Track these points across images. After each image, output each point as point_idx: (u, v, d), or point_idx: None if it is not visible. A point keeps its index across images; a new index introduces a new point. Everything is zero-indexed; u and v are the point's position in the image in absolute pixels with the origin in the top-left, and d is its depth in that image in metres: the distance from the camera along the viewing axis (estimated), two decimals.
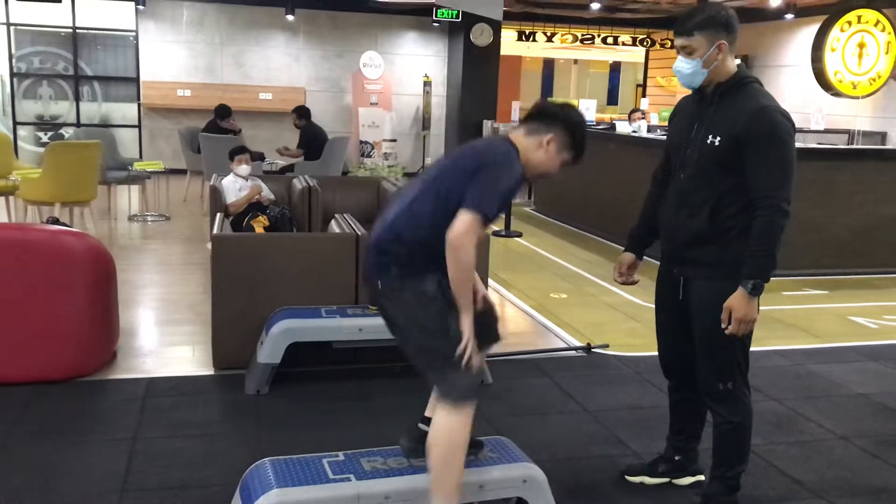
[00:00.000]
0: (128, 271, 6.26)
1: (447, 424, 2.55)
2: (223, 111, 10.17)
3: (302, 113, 9.93)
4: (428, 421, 2.80)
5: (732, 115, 2.76)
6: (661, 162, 3.11)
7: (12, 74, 12.49)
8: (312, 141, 9.76)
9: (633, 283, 3.22)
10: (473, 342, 2.54)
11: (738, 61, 2.88)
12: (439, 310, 2.56)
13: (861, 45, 10.90)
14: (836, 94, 11.14)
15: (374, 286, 2.67)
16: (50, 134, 12.73)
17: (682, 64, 2.82)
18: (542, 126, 2.68)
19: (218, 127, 10.05)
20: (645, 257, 3.23)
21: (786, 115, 2.74)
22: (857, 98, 11.21)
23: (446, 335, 2.54)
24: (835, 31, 10.90)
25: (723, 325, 2.75)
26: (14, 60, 12.48)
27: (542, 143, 2.66)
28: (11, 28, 12.37)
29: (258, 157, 8.74)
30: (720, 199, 2.79)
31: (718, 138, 2.77)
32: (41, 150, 11.29)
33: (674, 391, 3.22)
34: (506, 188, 2.54)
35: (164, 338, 5.05)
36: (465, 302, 2.55)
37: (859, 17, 10.86)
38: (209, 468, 3.31)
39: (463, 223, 2.45)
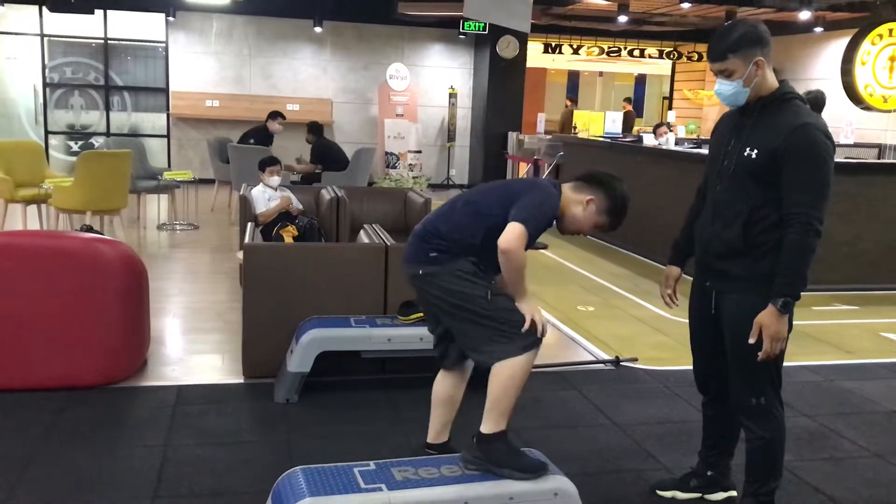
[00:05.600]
0: (157, 279, 6.31)
1: (509, 366, 2.79)
2: (274, 114, 10.23)
3: (311, 129, 9.92)
4: (432, 447, 3.16)
5: (773, 130, 2.73)
6: (705, 176, 3.09)
7: (45, 84, 12.70)
8: (325, 153, 9.78)
9: (676, 304, 3.19)
10: (541, 315, 2.85)
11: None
12: (477, 281, 2.85)
13: (892, 59, 10.80)
14: (867, 107, 11.04)
15: (413, 272, 2.95)
16: (80, 143, 12.92)
17: (723, 86, 2.80)
18: (587, 187, 2.99)
19: (266, 132, 10.08)
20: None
21: (827, 135, 2.71)
22: (887, 112, 11.10)
23: (496, 300, 2.82)
24: (865, 45, 10.82)
25: (751, 340, 2.73)
26: (47, 71, 12.69)
27: (582, 200, 2.97)
28: (45, 39, 12.58)
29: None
30: (753, 212, 2.77)
31: (756, 151, 2.75)
32: (72, 158, 11.48)
33: (708, 406, 3.19)
34: (545, 213, 2.87)
35: (193, 346, 5.09)
36: (521, 292, 2.85)
37: (891, 31, 10.77)
38: (239, 476, 3.33)
39: (513, 231, 2.75)
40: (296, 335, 4.16)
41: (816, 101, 7.71)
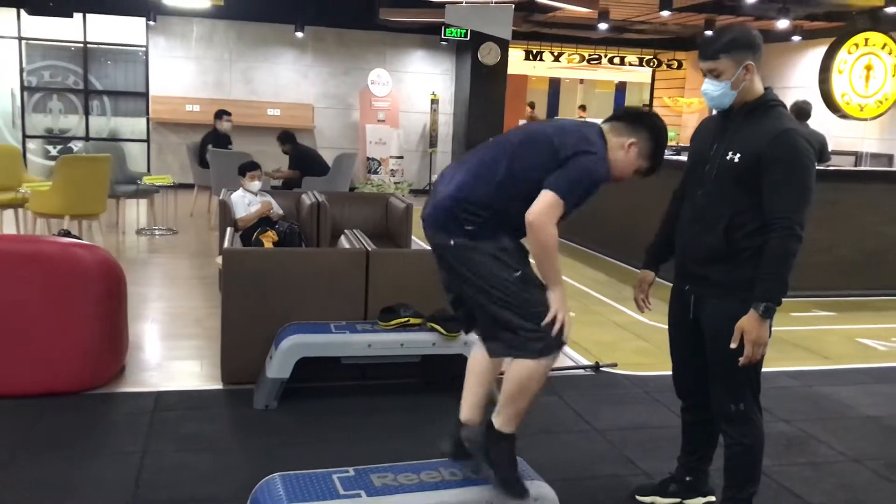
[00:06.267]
0: (135, 285, 6.25)
1: (525, 367, 2.60)
2: (220, 113, 10.25)
3: (283, 139, 9.84)
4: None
5: (756, 135, 2.75)
6: (682, 180, 3.10)
7: (23, 88, 12.59)
8: (304, 159, 9.77)
9: (650, 308, 3.20)
10: (566, 313, 2.61)
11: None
12: (513, 265, 2.60)
13: (868, 68, 10.95)
14: (844, 115, 11.17)
15: (442, 242, 2.67)
16: (59, 147, 12.81)
17: (710, 87, 2.81)
18: (628, 128, 2.74)
19: (217, 133, 10.11)
20: (657, 278, 3.22)
21: (809, 141, 2.73)
22: (864, 120, 11.24)
23: (526, 290, 2.59)
24: (842, 54, 10.95)
25: (733, 345, 2.74)
26: (25, 74, 12.58)
27: (624, 144, 2.73)
28: (23, 42, 12.47)
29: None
30: (735, 216, 2.78)
31: (739, 155, 2.77)
32: (50, 163, 11.38)
33: (686, 412, 3.20)
34: (591, 184, 2.59)
35: (172, 352, 5.05)
36: (552, 279, 2.62)
37: (866, 40, 10.92)
38: (218, 482, 3.30)
39: (544, 202, 2.50)
40: (275, 341, 4.13)
41: (801, 110, 7.89)
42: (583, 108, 16.24)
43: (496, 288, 2.59)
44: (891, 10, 9.63)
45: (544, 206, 2.50)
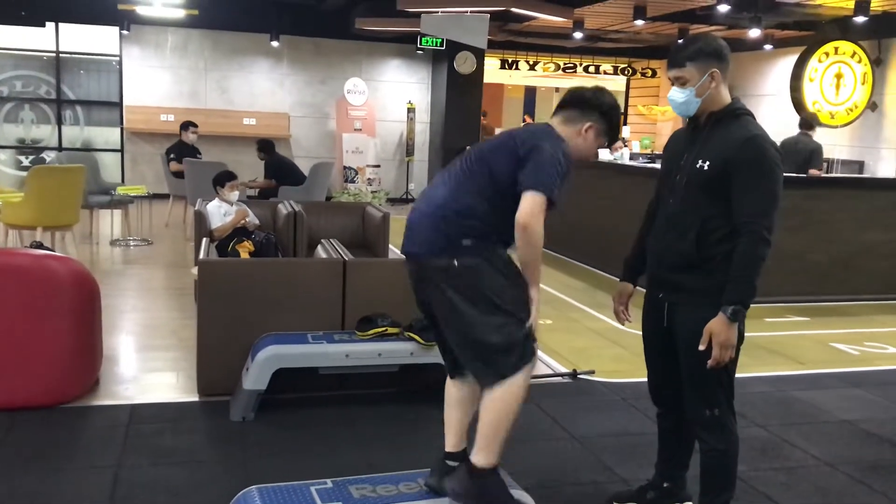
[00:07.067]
0: (110, 296, 6.20)
1: (508, 384, 2.62)
2: (186, 124, 10.29)
3: (262, 147, 9.92)
4: (452, 456, 2.83)
5: (724, 143, 2.80)
6: (655, 192, 3.13)
7: None
8: (280, 168, 9.81)
9: (630, 319, 3.22)
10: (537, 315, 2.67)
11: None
12: (510, 276, 2.65)
13: (838, 76, 11.11)
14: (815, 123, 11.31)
15: (441, 265, 2.62)
16: (31, 158, 12.68)
17: (676, 94, 2.86)
18: (579, 114, 2.81)
19: (183, 144, 10.10)
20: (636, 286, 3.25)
21: (775, 147, 2.78)
22: (834, 127, 11.39)
23: (513, 299, 2.63)
24: (813, 62, 11.10)
25: (701, 347, 2.76)
26: None
27: (580, 131, 2.80)
28: None
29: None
30: (706, 223, 2.82)
31: (708, 163, 2.81)
32: (22, 174, 11.25)
33: (662, 418, 3.22)
34: (559, 165, 2.62)
35: (147, 364, 5.01)
36: (536, 278, 2.68)
37: (836, 49, 11.08)
38: (195, 496, 3.27)
39: (529, 203, 2.54)
40: (252, 352, 4.11)
41: (805, 122, 8.67)
42: (484, 115, 16.55)
43: (501, 301, 2.61)
44: (859, 19, 9.78)
45: (533, 207, 2.54)
